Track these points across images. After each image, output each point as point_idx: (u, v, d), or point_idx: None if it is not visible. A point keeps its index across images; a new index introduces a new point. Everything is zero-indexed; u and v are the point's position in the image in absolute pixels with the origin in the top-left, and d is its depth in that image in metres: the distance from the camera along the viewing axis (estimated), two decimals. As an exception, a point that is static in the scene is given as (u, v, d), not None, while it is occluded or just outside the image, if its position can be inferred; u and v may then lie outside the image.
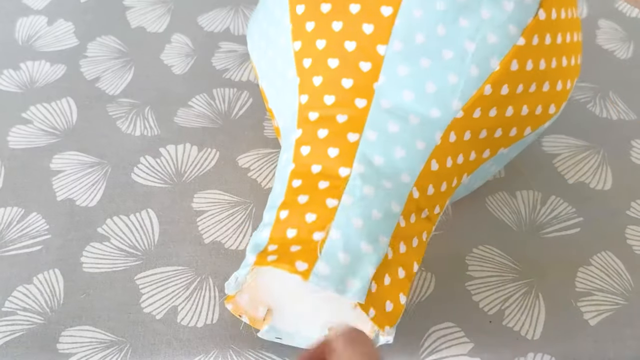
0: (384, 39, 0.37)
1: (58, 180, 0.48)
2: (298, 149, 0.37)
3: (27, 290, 0.42)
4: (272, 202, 0.37)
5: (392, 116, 0.37)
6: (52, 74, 0.55)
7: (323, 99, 0.38)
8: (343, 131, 0.37)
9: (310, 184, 0.36)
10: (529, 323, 0.41)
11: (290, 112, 0.39)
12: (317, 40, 0.38)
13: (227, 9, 0.61)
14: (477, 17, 0.36)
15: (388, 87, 0.37)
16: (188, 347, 0.39)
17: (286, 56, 0.39)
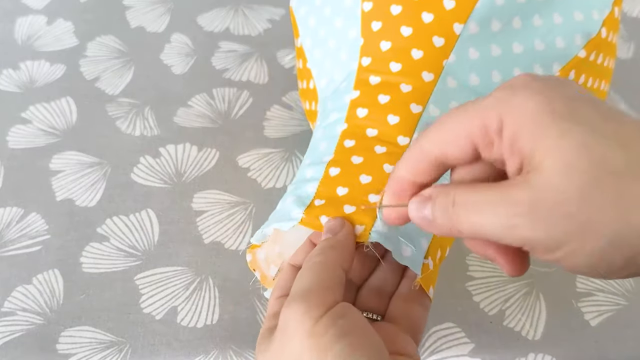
0: (462, 18, 0.36)
1: (57, 180, 0.48)
2: (353, 110, 0.37)
3: (27, 291, 0.42)
4: (316, 157, 0.36)
5: (456, 96, 0.36)
6: (51, 73, 0.55)
7: (389, 65, 0.37)
8: (406, 101, 0.36)
9: (365, 146, 0.35)
10: (529, 323, 0.41)
11: (344, 72, 0.39)
12: (392, 5, 0.37)
13: (227, 9, 0.61)
14: (550, 20, 0.37)
15: (457, 66, 0.37)
16: (188, 347, 0.39)
17: (350, 15, 0.39)
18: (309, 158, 0.37)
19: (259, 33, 0.58)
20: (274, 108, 0.52)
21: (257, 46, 0.57)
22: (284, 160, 0.49)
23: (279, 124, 0.51)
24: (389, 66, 0.37)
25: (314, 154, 0.37)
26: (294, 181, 0.36)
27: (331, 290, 0.27)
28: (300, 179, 0.36)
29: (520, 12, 0.37)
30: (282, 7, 0.60)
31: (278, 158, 0.49)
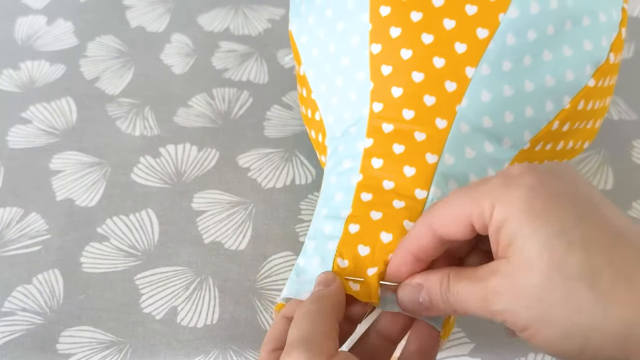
0: (474, 62, 0.36)
1: (57, 180, 0.48)
2: (368, 160, 0.36)
3: (27, 291, 0.42)
4: (333, 209, 0.36)
5: (470, 141, 0.36)
6: (51, 73, 0.55)
7: (401, 112, 0.37)
8: (421, 151, 0.36)
9: (383, 200, 0.35)
10: (529, 323, 0.41)
11: (354, 114, 0.38)
12: (402, 50, 0.36)
13: (227, 9, 0.61)
14: (560, 53, 0.37)
15: (470, 110, 0.36)
16: (188, 347, 0.39)
17: (358, 56, 0.38)
18: (325, 208, 0.36)
19: (259, 33, 0.58)
20: (274, 108, 0.52)
21: (257, 46, 0.57)
22: (284, 160, 0.49)
23: (279, 124, 0.51)
24: (402, 113, 0.36)
25: (330, 204, 0.36)
26: (313, 233, 0.36)
27: (330, 338, 0.27)
28: (319, 233, 0.35)
29: (531, 49, 0.36)
30: (282, 7, 0.60)
31: (278, 158, 0.49)
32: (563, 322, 0.24)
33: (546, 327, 0.24)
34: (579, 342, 0.24)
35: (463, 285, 0.27)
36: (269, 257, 0.43)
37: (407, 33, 0.36)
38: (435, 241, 0.28)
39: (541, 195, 0.25)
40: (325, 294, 0.30)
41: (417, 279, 0.29)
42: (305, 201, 0.46)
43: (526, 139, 0.37)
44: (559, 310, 0.24)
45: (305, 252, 0.35)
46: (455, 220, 0.27)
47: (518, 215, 0.25)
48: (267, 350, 0.29)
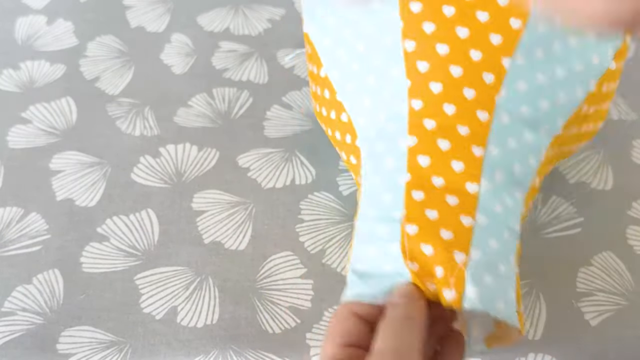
0: (509, 52, 0.36)
1: (57, 180, 0.48)
2: (414, 158, 0.36)
3: (27, 291, 0.42)
4: (382, 211, 0.35)
5: (511, 131, 0.37)
6: (51, 73, 0.55)
7: (442, 108, 0.36)
8: (467, 144, 0.36)
9: (435, 198, 0.35)
10: (529, 323, 0.41)
11: (390, 113, 0.38)
12: (438, 45, 0.36)
13: (227, 9, 0.61)
14: (585, 38, 0.37)
15: (509, 101, 0.36)
16: (188, 347, 0.39)
17: (391, 54, 0.38)
18: (374, 210, 0.36)
19: (259, 33, 0.58)
20: (274, 108, 0.52)
21: (257, 46, 0.57)
22: (284, 160, 0.49)
23: (279, 124, 0.51)
24: (443, 109, 0.36)
25: (378, 206, 0.36)
26: (367, 237, 0.35)
27: (418, 352, 0.28)
28: (374, 236, 0.35)
29: (559, 35, 0.37)
30: (282, 7, 0.60)
31: (278, 158, 0.49)
32: None
33: None
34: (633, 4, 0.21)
35: None
36: (269, 257, 0.43)
37: (442, 28, 0.37)
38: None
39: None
40: (416, 310, 0.30)
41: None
42: (305, 201, 0.46)
43: (559, 124, 0.38)
44: None
45: (362, 257, 0.35)
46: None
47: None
48: (337, 343, 0.30)
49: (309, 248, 0.44)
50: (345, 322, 0.31)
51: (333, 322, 0.31)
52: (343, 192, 0.47)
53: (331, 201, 0.46)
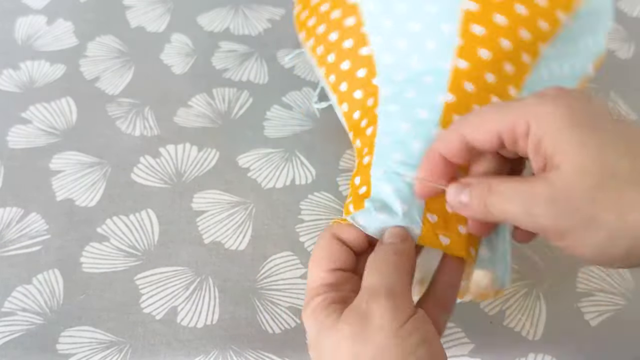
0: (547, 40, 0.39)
1: (57, 180, 0.48)
2: (449, 114, 0.36)
3: (27, 291, 0.42)
4: (412, 158, 0.35)
5: None
6: (51, 73, 0.55)
7: (484, 76, 0.37)
8: None
9: None
10: (529, 323, 0.41)
11: (428, 64, 0.38)
12: (497, 15, 0.37)
13: (227, 9, 0.61)
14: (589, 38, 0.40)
15: (532, 83, 0.38)
16: (188, 347, 0.39)
17: (448, 9, 0.38)
18: (400, 154, 0.36)
19: (259, 33, 0.58)
20: (274, 108, 0.52)
21: (257, 46, 0.57)
22: (284, 160, 0.49)
23: (279, 124, 0.51)
24: (485, 77, 0.37)
25: (406, 151, 0.36)
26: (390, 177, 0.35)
27: (409, 294, 0.29)
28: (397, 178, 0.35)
29: (575, 36, 0.40)
30: (282, 7, 0.60)
31: (278, 158, 0.49)
32: (612, 223, 0.25)
33: (594, 231, 0.26)
34: (626, 244, 0.25)
35: (507, 186, 0.28)
36: (269, 257, 0.43)
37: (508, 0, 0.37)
38: (462, 147, 0.30)
39: (581, 112, 0.26)
40: (404, 248, 0.31)
41: (468, 179, 0.30)
42: (305, 201, 0.46)
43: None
44: (609, 212, 0.25)
45: (381, 192, 0.35)
46: (485, 131, 0.29)
47: (561, 129, 0.26)
48: (325, 269, 0.31)
49: (309, 248, 0.44)
50: (331, 247, 0.31)
51: (318, 247, 0.32)
52: (343, 192, 0.47)
53: (331, 201, 0.46)
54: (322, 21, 0.43)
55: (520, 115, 0.27)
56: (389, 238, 0.32)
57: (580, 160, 0.26)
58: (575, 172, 0.26)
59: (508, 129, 0.28)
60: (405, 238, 0.32)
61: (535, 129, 0.27)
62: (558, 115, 0.27)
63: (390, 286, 0.29)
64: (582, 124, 0.26)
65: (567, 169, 0.26)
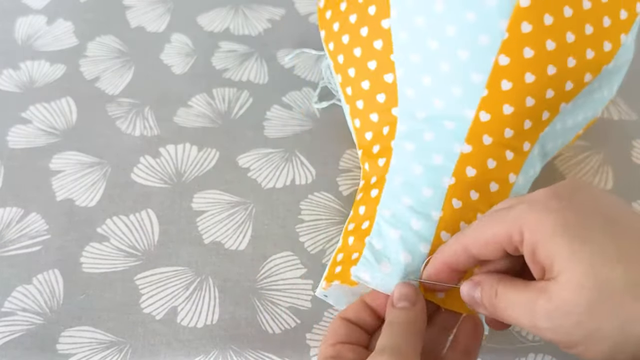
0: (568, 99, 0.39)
1: (57, 180, 0.48)
2: (463, 166, 0.36)
3: (27, 291, 0.42)
4: (420, 206, 0.36)
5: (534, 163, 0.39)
6: (51, 73, 0.55)
7: (504, 130, 0.37)
8: (507, 170, 0.37)
9: (469, 211, 0.36)
10: (529, 323, 0.41)
11: (450, 109, 0.38)
12: (528, 74, 0.37)
13: (227, 9, 0.61)
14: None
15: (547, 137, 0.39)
16: (188, 347, 0.39)
17: (481, 57, 0.36)
18: (409, 198, 0.36)
19: (259, 33, 0.58)
20: (274, 108, 0.52)
21: (257, 46, 0.57)
22: (284, 160, 0.49)
23: (279, 124, 0.51)
24: (504, 131, 0.37)
25: (415, 196, 0.36)
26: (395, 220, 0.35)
27: (418, 354, 0.30)
28: (405, 224, 0.35)
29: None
30: (282, 7, 0.60)
31: (278, 158, 0.49)
32: (615, 334, 0.26)
33: (598, 342, 0.26)
34: (631, 350, 0.26)
35: (512, 295, 0.28)
36: (269, 257, 0.43)
37: (540, 57, 0.36)
38: (469, 259, 0.31)
39: (570, 217, 0.27)
40: (416, 313, 0.32)
41: (478, 277, 0.31)
42: (305, 201, 0.46)
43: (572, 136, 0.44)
44: (610, 324, 0.26)
45: (385, 236, 0.35)
46: (487, 244, 0.29)
47: (552, 238, 0.26)
48: (329, 343, 0.33)
49: (309, 248, 0.44)
50: (335, 325, 0.33)
51: (327, 328, 0.34)
52: (343, 192, 0.47)
53: (331, 201, 0.46)
54: (346, 31, 0.42)
55: (514, 224, 0.28)
56: (399, 302, 0.32)
57: (574, 275, 0.26)
58: (570, 286, 0.26)
59: (506, 240, 0.28)
60: (415, 300, 0.32)
61: (528, 238, 0.27)
62: (549, 223, 0.27)
63: (396, 345, 0.30)
64: (572, 233, 0.26)
65: (562, 283, 0.26)
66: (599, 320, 0.26)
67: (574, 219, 0.27)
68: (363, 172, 0.41)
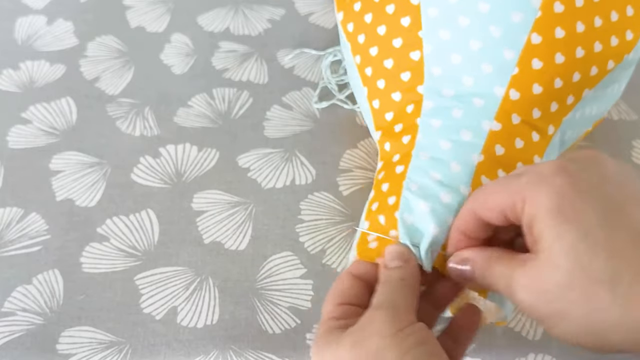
0: (591, 85, 0.39)
1: (57, 180, 0.48)
2: (492, 144, 0.36)
3: (27, 291, 0.42)
4: (449, 180, 0.35)
5: (550, 153, 0.39)
6: (51, 73, 0.55)
7: (532, 110, 0.37)
8: (533, 151, 0.37)
9: None
10: (529, 323, 0.41)
11: (480, 87, 0.37)
12: (558, 54, 0.37)
13: (227, 9, 0.61)
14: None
15: (569, 123, 0.39)
16: (188, 347, 0.39)
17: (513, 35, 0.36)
18: (438, 172, 0.36)
19: (259, 33, 0.58)
20: (274, 108, 0.52)
21: (257, 46, 0.57)
22: (284, 160, 0.49)
23: (279, 124, 0.51)
24: (533, 112, 0.37)
25: (444, 170, 0.36)
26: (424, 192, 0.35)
27: (413, 310, 0.30)
28: (434, 197, 0.35)
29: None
30: (282, 7, 0.60)
31: (278, 158, 0.49)
32: (582, 319, 0.26)
33: (565, 322, 0.26)
34: (596, 338, 0.26)
35: (499, 267, 0.29)
36: (269, 257, 0.43)
37: (571, 39, 0.37)
38: (479, 223, 0.31)
39: (568, 197, 0.26)
40: (408, 272, 0.32)
41: (466, 254, 0.31)
42: (305, 201, 0.46)
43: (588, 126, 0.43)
44: (578, 309, 0.26)
45: (414, 209, 0.35)
46: (492, 209, 0.29)
47: (546, 215, 0.26)
48: (334, 303, 0.32)
49: (309, 248, 0.44)
50: (342, 283, 0.33)
51: (333, 284, 0.33)
52: (343, 192, 0.47)
53: (331, 201, 0.46)
54: (370, 10, 0.41)
55: (518, 194, 0.28)
56: (392, 261, 0.32)
57: (554, 254, 0.26)
58: (547, 264, 0.26)
59: (510, 207, 0.28)
60: (408, 258, 0.32)
61: (527, 210, 0.27)
62: (547, 199, 0.27)
63: (392, 302, 0.30)
64: (565, 214, 0.26)
65: (541, 260, 0.26)
66: (567, 303, 0.26)
67: (572, 200, 0.26)
68: (382, 153, 0.40)
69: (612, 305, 0.25)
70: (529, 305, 0.27)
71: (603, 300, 0.25)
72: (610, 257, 0.25)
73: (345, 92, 0.52)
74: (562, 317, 0.26)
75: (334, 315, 0.32)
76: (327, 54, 0.55)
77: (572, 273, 0.25)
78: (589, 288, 0.25)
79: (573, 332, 0.26)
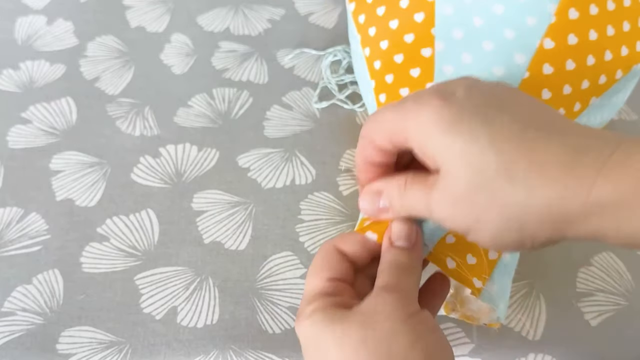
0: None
1: (57, 180, 0.48)
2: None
3: (27, 291, 0.42)
4: None
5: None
6: (51, 73, 0.55)
7: (541, 92, 0.37)
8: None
9: None
10: (529, 323, 0.41)
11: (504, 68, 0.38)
12: (571, 35, 0.37)
13: (227, 9, 0.61)
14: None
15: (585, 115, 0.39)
16: (188, 347, 0.39)
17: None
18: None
19: (259, 33, 0.58)
20: (274, 108, 0.52)
21: (257, 46, 0.57)
22: (284, 160, 0.49)
23: (279, 124, 0.51)
24: (541, 94, 0.37)
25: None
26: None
27: (417, 297, 0.30)
28: None
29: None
30: (282, 7, 0.60)
31: (278, 158, 0.49)
32: (497, 218, 0.26)
33: (485, 227, 0.27)
34: (516, 234, 0.26)
35: (414, 191, 0.29)
36: (269, 257, 0.43)
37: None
38: (377, 149, 0.30)
39: (446, 112, 0.27)
40: (415, 252, 0.32)
41: (377, 185, 0.31)
42: (305, 201, 0.46)
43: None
44: (490, 209, 0.26)
45: None
46: (383, 135, 0.30)
47: (430, 132, 0.27)
48: (325, 277, 0.31)
49: (309, 248, 0.44)
50: (331, 258, 0.32)
51: (318, 256, 0.32)
52: (343, 192, 0.47)
53: (331, 201, 0.46)
54: (383, 3, 0.41)
55: (401, 119, 0.28)
56: (399, 240, 0.32)
57: (450, 166, 0.27)
58: (449, 177, 0.27)
59: (396, 134, 0.29)
60: (415, 241, 0.32)
61: (412, 134, 0.28)
62: (426, 119, 0.27)
63: (400, 285, 0.30)
64: (447, 126, 0.27)
65: (443, 176, 0.27)
66: (479, 207, 0.26)
67: (450, 114, 0.27)
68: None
69: (514, 194, 0.25)
70: (450, 220, 0.28)
71: (506, 192, 0.26)
72: (500, 152, 0.26)
73: (345, 92, 0.52)
74: (480, 222, 0.27)
75: (327, 291, 0.31)
76: (327, 54, 0.55)
77: (472, 177, 0.26)
78: (490, 186, 0.26)
79: (496, 234, 0.27)
